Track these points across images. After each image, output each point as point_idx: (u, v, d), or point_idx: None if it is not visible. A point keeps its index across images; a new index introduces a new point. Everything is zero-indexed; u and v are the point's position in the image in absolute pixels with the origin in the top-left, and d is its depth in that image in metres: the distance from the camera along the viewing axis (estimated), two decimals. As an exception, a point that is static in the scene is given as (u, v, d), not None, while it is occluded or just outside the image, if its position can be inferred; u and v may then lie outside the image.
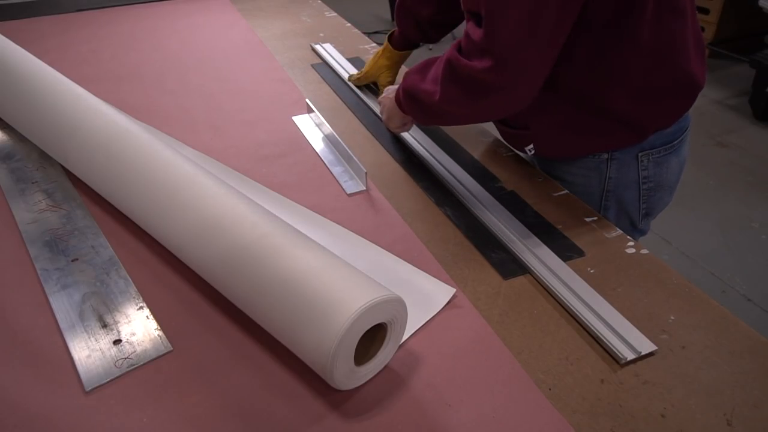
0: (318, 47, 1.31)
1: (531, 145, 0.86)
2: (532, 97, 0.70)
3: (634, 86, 0.75)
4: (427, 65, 0.78)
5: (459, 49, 0.70)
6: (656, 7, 0.71)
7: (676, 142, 0.84)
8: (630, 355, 0.58)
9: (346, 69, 1.20)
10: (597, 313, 0.62)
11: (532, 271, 0.69)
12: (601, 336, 0.60)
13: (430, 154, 0.91)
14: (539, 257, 0.70)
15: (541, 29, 0.63)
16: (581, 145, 0.83)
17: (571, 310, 0.63)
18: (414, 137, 0.96)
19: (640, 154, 0.82)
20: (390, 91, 0.89)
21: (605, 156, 0.83)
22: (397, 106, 0.84)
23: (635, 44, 0.72)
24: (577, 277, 0.67)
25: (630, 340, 0.59)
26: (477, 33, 0.66)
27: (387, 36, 1.06)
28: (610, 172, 0.84)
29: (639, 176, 0.84)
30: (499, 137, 0.96)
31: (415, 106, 0.79)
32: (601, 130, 0.80)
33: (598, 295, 0.65)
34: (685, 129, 0.85)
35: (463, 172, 0.87)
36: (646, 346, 0.59)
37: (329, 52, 1.29)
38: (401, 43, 1.04)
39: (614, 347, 0.58)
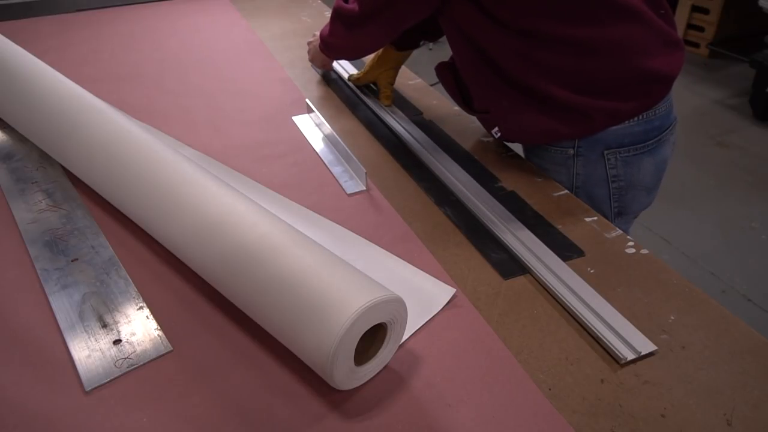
0: (318, 47, 1.31)
1: (496, 128, 0.89)
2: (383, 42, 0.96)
3: (572, 81, 0.78)
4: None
5: None
6: (587, 10, 0.73)
7: (650, 142, 0.84)
8: (630, 355, 0.58)
9: (346, 69, 1.20)
10: (597, 313, 0.62)
11: (532, 271, 0.69)
12: (601, 336, 0.60)
13: (430, 154, 0.91)
14: (539, 257, 0.70)
15: (385, 12, 0.83)
16: (540, 130, 0.84)
17: (571, 310, 0.63)
18: (414, 137, 0.96)
19: (606, 152, 0.83)
20: (316, 38, 1.10)
21: (571, 151, 0.85)
22: (320, 50, 1.05)
23: (566, 45, 0.76)
24: (577, 277, 0.67)
25: (630, 340, 0.59)
26: None
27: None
28: (577, 169, 0.86)
29: (608, 174, 0.85)
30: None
31: (325, 49, 1.02)
32: (554, 114, 0.82)
33: (598, 295, 0.65)
34: (664, 129, 0.85)
35: (463, 172, 0.87)
36: (646, 346, 0.59)
37: (329, 52, 1.29)
38: (401, 42, 1.04)
39: (614, 347, 0.58)
